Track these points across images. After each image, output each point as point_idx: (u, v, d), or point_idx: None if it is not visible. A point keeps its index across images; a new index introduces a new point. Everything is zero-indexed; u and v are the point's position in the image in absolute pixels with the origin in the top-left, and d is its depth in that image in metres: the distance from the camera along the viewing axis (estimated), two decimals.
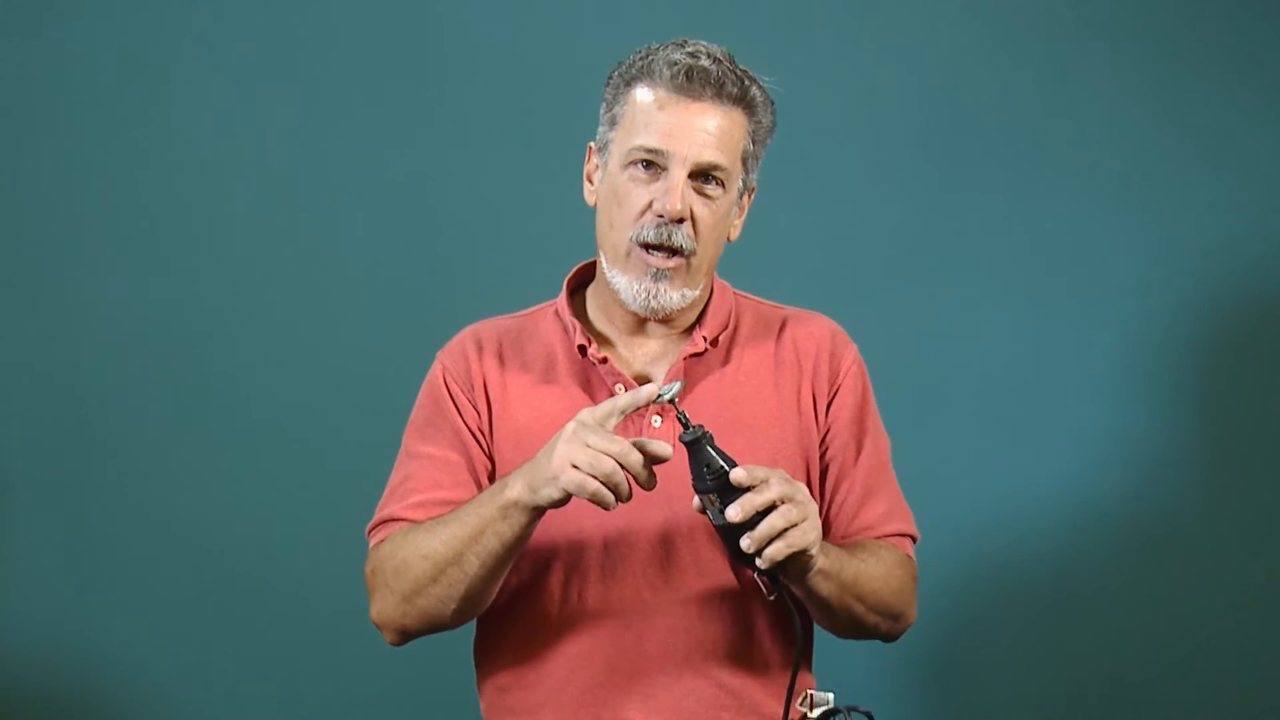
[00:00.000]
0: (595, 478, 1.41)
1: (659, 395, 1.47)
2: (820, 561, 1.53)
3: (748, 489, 1.41)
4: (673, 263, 1.61)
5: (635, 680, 1.63)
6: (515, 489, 1.48)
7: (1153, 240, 2.47)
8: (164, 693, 2.52)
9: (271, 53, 2.51)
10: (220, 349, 2.51)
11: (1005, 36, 2.49)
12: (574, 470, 1.42)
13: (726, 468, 1.40)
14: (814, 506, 1.47)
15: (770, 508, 1.43)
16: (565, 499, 1.46)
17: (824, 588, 1.55)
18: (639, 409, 1.59)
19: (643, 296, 1.62)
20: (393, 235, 2.52)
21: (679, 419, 1.44)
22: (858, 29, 2.50)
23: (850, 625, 1.67)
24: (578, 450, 1.42)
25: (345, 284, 2.52)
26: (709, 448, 1.42)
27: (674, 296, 1.63)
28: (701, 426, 1.42)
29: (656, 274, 1.61)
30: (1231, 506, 2.49)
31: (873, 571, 1.63)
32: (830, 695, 1.61)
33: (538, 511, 1.49)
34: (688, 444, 1.42)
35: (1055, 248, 2.50)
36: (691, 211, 1.60)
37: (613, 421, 1.45)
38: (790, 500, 1.43)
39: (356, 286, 2.51)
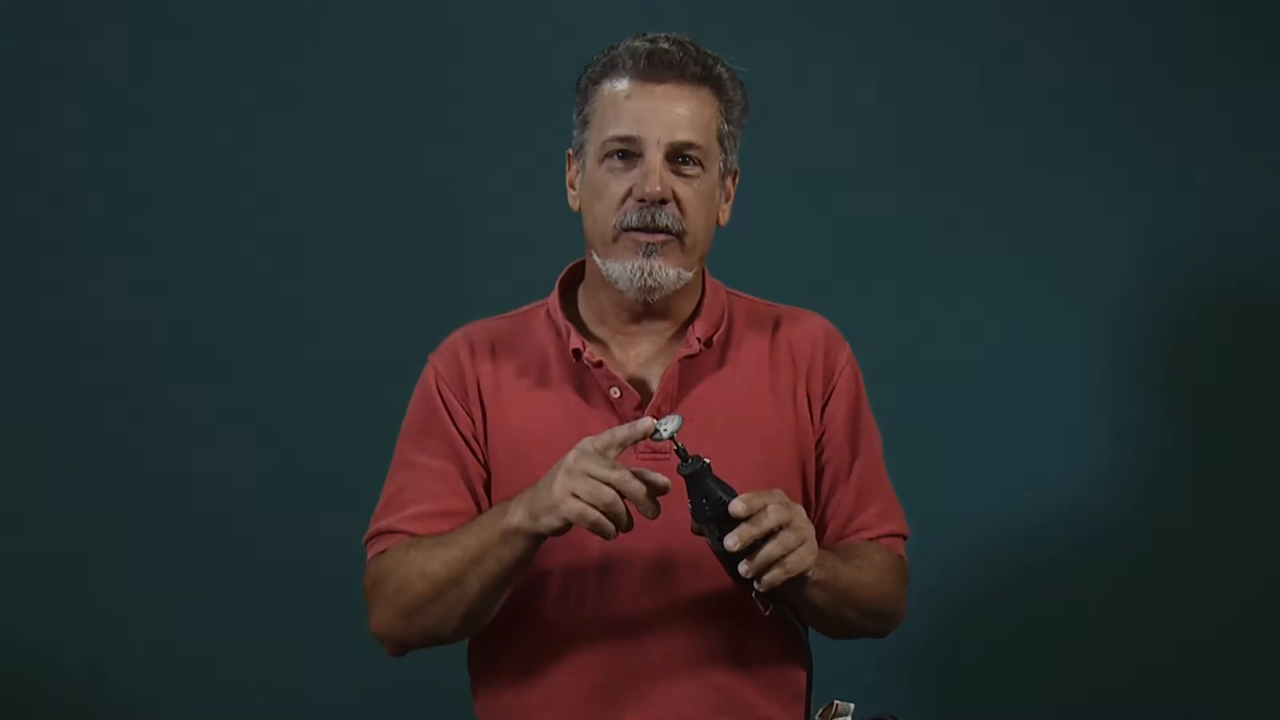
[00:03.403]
0: (595, 507, 1.41)
1: (656, 431, 1.46)
2: (815, 574, 1.53)
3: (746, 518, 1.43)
4: (662, 237, 1.60)
5: (633, 685, 1.63)
6: (517, 515, 1.48)
7: (1130, 238, 2.50)
8: (163, 687, 2.52)
9: (285, 61, 2.52)
10: (225, 346, 2.51)
11: (982, 48, 2.52)
12: (574, 500, 1.42)
13: (725, 499, 1.39)
14: (810, 529, 1.47)
15: (768, 534, 1.44)
16: (566, 527, 1.46)
17: (819, 598, 1.55)
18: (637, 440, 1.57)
19: (638, 276, 1.61)
20: (394, 235, 2.52)
21: (677, 452, 1.42)
22: (846, 41, 2.52)
23: (841, 629, 1.67)
24: (578, 480, 1.42)
25: (349, 282, 2.52)
26: (708, 479, 1.41)
27: (670, 274, 1.61)
28: (700, 458, 1.41)
29: (648, 249, 1.60)
30: (1212, 498, 2.51)
31: (866, 579, 1.63)
32: (851, 706, 1.58)
33: (539, 538, 1.49)
34: (686, 476, 1.41)
35: (1037, 248, 2.52)
36: (674, 193, 1.60)
37: (613, 452, 1.44)
38: (788, 525, 1.43)
39: (360, 285, 2.52)
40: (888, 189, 2.52)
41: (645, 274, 1.60)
